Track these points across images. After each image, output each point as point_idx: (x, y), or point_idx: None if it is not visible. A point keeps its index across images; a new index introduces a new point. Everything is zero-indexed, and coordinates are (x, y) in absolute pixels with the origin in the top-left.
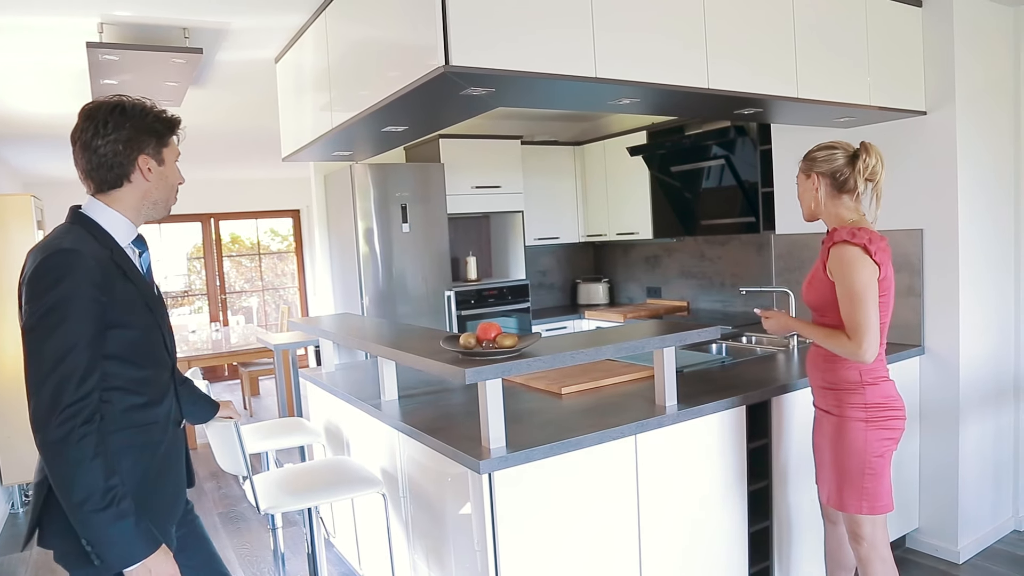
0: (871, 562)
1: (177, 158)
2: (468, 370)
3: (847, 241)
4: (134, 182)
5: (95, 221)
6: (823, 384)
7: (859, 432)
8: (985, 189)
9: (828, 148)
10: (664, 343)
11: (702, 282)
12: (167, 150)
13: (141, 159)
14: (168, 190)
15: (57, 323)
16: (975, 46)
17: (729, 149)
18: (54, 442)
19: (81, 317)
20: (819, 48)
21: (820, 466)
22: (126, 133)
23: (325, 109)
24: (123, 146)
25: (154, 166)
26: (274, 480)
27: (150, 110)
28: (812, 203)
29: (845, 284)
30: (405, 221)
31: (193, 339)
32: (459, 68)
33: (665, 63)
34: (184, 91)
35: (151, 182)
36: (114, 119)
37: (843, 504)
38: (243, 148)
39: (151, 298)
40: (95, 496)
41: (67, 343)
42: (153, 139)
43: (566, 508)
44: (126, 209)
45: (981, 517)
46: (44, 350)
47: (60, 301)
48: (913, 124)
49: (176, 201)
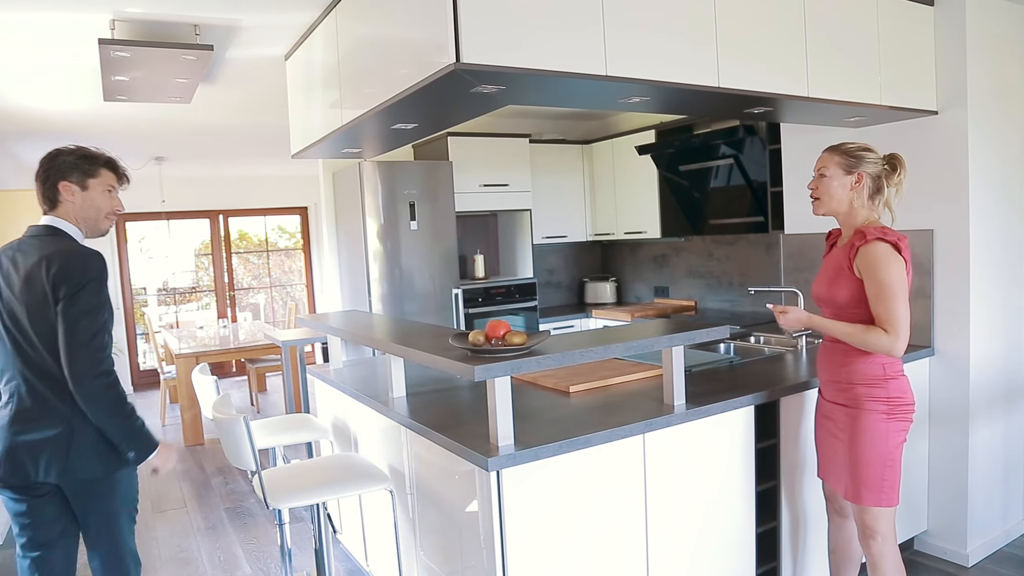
0: (883, 557)
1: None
2: (478, 367)
3: (881, 239)
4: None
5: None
6: (841, 379)
7: (880, 425)
8: (996, 190)
9: (868, 149)
10: (673, 342)
11: (710, 282)
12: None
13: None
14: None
15: (97, 307)
16: (988, 45)
17: (738, 148)
18: (101, 387)
19: (105, 302)
20: (829, 47)
21: (829, 460)
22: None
23: (335, 106)
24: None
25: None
26: (282, 476)
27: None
28: (850, 199)
29: (879, 280)
30: (413, 219)
31: (201, 335)
32: (470, 66)
33: (675, 62)
34: (194, 88)
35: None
36: None
37: (860, 497)
38: (252, 145)
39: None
40: (131, 412)
41: (99, 322)
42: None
43: (574, 506)
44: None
45: (991, 520)
46: (87, 326)
47: (97, 291)
48: (924, 124)
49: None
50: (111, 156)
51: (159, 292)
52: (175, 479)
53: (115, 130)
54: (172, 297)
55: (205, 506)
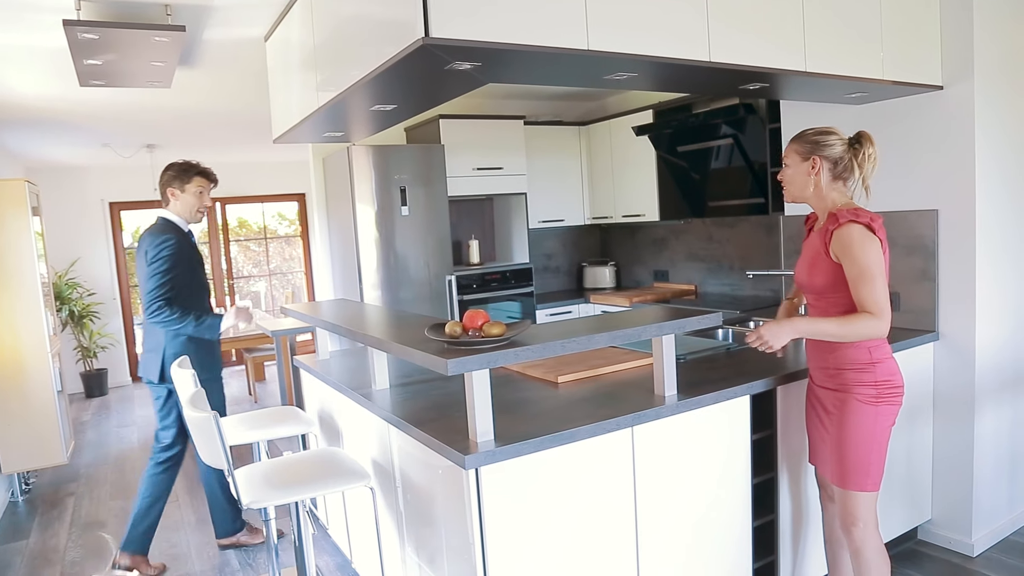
0: (865, 543)
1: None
2: (451, 361)
3: (853, 220)
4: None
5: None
6: (829, 365)
7: (869, 409)
8: (1004, 167)
9: (826, 133)
10: (662, 330)
11: (710, 265)
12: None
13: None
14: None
15: (168, 268)
16: (996, 16)
17: (738, 128)
18: (173, 318)
19: (174, 265)
20: (829, 18)
21: (819, 444)
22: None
23: (311, 88)
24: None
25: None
26: (260, 472)
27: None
28: (809, 186)
29: (858, 263)
30: (404, 204)
31: None
32: (439, 40)
33: (663, 34)
34: (172, 71)
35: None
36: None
37: (846, 482)
38: (243, 131)
39: (200, 261)
40: (187, 322)
41: (167, 276)
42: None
43: (558, 504)
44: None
45: (997, 508)
46: (153, 278)
47: (168, 256)
48: (928, 99)
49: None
50: (204, 167)
51: None
52: None
53: (101, 117)
54: None
55: (197, 500)
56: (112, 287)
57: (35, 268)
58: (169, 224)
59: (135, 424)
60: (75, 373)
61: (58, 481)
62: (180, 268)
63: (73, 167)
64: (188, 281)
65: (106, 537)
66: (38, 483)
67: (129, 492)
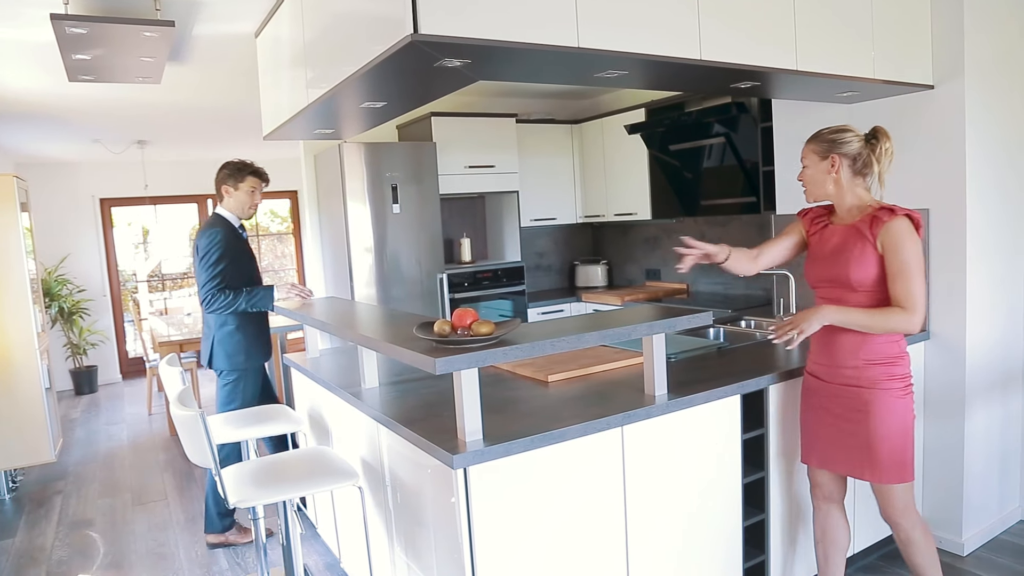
0: (915, 528)
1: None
2: (439, 360)
3: (907, 215)
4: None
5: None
6: (857, 362)
7: (900, 402)
8: (994, 167)
9: (842, 131)
10: (652, 329)
11: (702, 264)
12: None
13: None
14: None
15: (217, 259)
16: (986, 15)
17: (730, 127)
18: (227, 301)
19: (222, 255)
20: (820, 17)
21: (832, 445)
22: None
23: (301, 84)
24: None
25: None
26: (248, 472)
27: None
28: (830, 184)
29: (902, 257)
30: (396, 202)
31: (189, 322)
32: (428, 37)
33: (654, 32)
34: (162, 67)
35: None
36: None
37: (887, 476)
38: (234, 127)
39: (250, 252)
40: (247, 300)
41: (218, 268)
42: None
43: (548, 503)
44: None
45: (987, 507)
46: (206, 271)
47: (216, 249)
48: (919, 99)
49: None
50: (257, 167)
51: (150, 278)
52: (158, 470)
53: (91, 112)
54: (163, 283)
55: (186, 498)
56: (103, 284)
57: (23, 264)
58: (219, 219)
59: (125, 422)
60: (64, 370)
61: (45, 479)
62: (227, 261)
63: (63, 163)
64: (236, 272)
65: (94, 536)
66: (25, 481)
67: (118, 491)
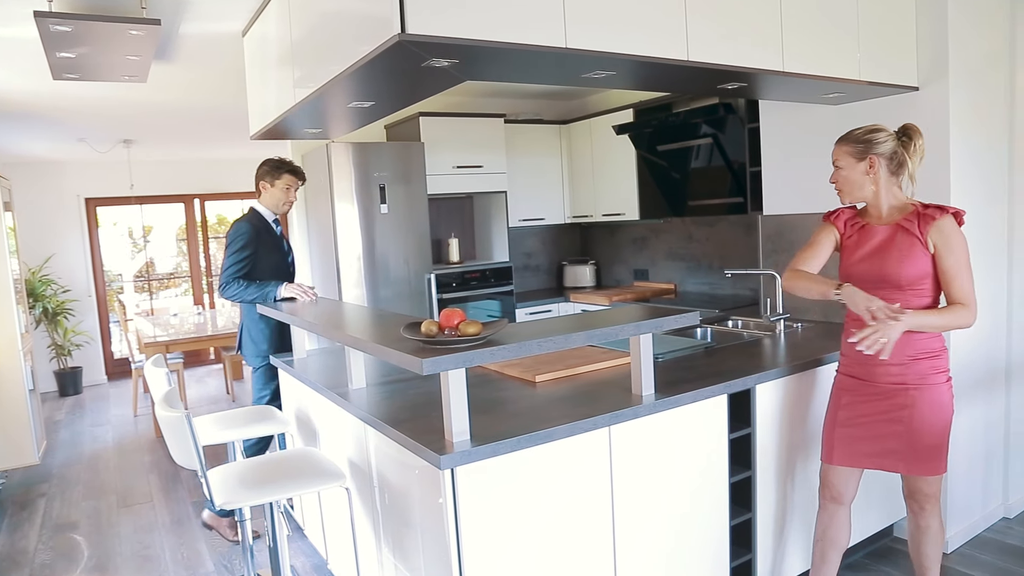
0: (935, 517)
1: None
2: (426, 360)
3: (956, 213)
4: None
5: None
6: (904, 359)
7: (946, 395)
8: (978, 167)
9: (876, 130)
10: (639, 330)
11: (690, 264)
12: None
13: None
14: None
15: (239, 249)
16: (970, 18)
17: (717, 127)
18: (240, 289)
19: (245, 246)
20: (806, 19)
21: (867, 442)
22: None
23: (289, 84)
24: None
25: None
26: (234, 473)
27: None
28: (868, 185)
29: (957, 255)
30: (384, 202)
31: (175, 322)
32: (416, 36)
33: (641, 33)
34: (147, 66)
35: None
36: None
37: (929, 468)
38: (222, 126)
39: (280, 245)
40: (255, 290)
41: (238, 256)
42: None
43: (535, 504)
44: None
45: (970, 505)
46: (227, 259)
47: (239, 239)
48: (904, 100)
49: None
50: (294, 166)
51: (136, 278)
52: (143, 472)
53: (76, 111)
54: (149, 284)
55: (172, 500)
56: (88, 284)
57: (6, 264)
58: (252, 213)
59: (110, 423)
60: (49, 371)
61: (29, 482)
62: (252, 250)
63: (48, 162)
64: (263, 264)
65: (78, 539)
66: (8, 483)
67: (102, 493)
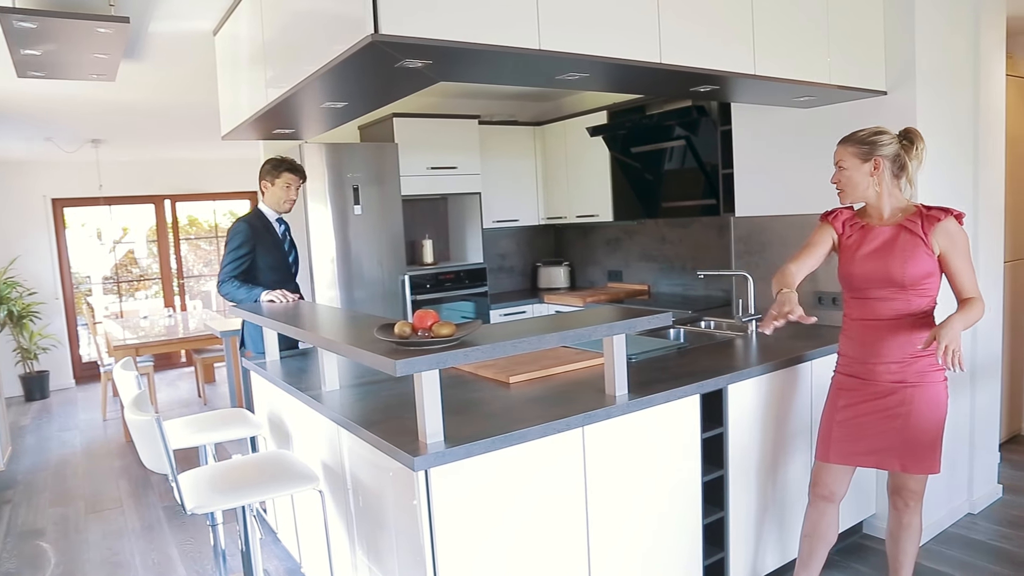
0: (916, 515)
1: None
2: (399, 362)
3: (958, 216)
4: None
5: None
6: (904, 357)
7: (942, 393)
8: (945, 169)
9: (880, 133)
10: (612, 330)
11: (663, 265)
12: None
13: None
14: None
15: (234, 248)
16: (936, 24)
17: (690, 130)
18: (231, 288)
19: (240, 245)
20: (778, 24)
21: (864, 440)
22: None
23: (260, 84)
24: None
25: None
26: (206, 477)
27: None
28: (872, 186)
29: (964, 253)
30: (357, 203)
31: (145, 324)
32: (389, 37)
33: (615, 35)
34: (116, 64)
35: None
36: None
37: (923, 467)
38: (192, 126)
39: (280, 245)
40: (245, 292)
41: (234, 255)
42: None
43: (510, 504)
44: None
45: (936, 502)
46: (224, 257)
47: (235, 238)
48: (873, 104)
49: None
50: (295, 164)
51: (105, 280)
52: (113, 477)
53: (42, 110)
54: (118, 286)
55: (142, 505)
56: (55, 286)
57: None
58: (254, 213)
59: (78, 428)
60: (14, 376)
61: None
62: (248, 249)
63: (13, 161)
64: (260, 263)
65: (44, 547)
66: None
67: (70, 499)
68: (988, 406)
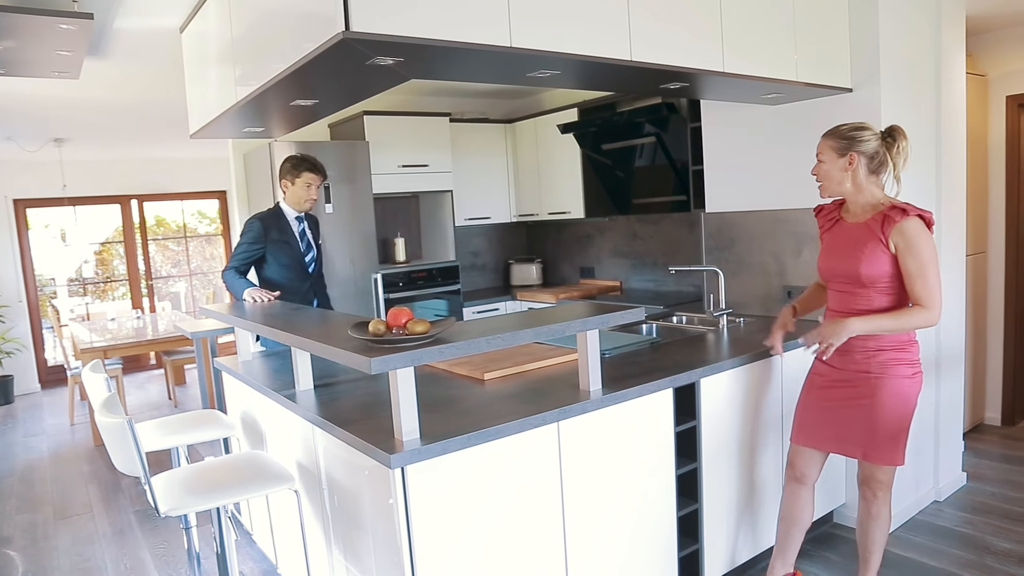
0: (884, 505)
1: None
2: (374, 359)
3: (920, 215)
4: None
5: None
6: (868, 348)
7: (907, 387)
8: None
9: (861, 128)
10: (586, 326)
11: (635, 261)
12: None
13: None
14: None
15: (241, 241)
16: (899, 23)
17: (661, 126)
18: (229, 278)
19: (249, 240)
20: (745, 22)
21: (832, 427)
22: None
23: (229, 82)
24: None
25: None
26: (179, 479)
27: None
28: (846, 181)
29: (920, 256)
30: (328, 201)
31: (113, 327)
32: (359, 35)
33: (585, 33)
34: (80, 62)
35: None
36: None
37: (884, 458)
38: (160, 125)
39: (295, 243)
40: (238, 287)
41: (240, 248)
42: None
43: (486, 501)
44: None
45: (904, 491)
46: (236, 250)
47: (246, 232)
48: (839, 101)
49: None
50: (315, 163)
51: (70, 283)
52: (82, 482)
53: (3, 108)
54: (84, 288)
55: (113, 510)
56: (18, 289)
57: None
58: (272, 210)
59: (45, 433)
60: None
61: None
62: (258, 245)
63: None
64: (271, 259)
65: (11, 555)
66: None
67: (37, 506)
68: (952, 396)
